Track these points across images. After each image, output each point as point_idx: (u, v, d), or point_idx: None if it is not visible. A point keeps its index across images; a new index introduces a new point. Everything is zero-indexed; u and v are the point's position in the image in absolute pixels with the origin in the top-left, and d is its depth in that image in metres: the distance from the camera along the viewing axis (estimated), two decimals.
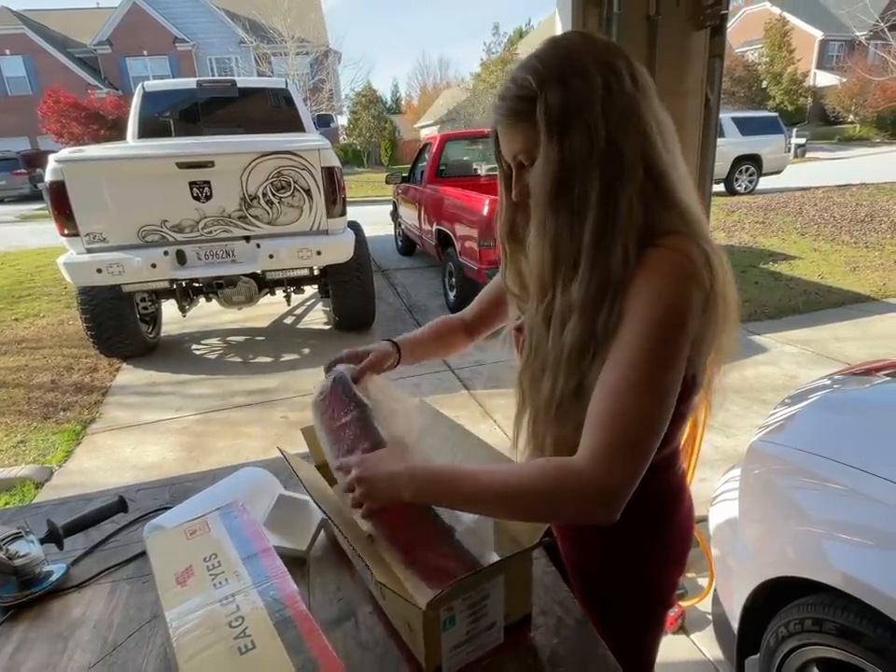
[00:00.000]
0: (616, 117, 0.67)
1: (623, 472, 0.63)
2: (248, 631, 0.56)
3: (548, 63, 0.69)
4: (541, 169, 0.70)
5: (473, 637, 0.69)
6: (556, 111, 0.67)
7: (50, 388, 3.97)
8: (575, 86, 0.67)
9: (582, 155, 0.67)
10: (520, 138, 0.72)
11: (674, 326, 0.65)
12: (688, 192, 0.73)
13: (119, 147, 4.21)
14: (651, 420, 0.65)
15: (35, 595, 0.86)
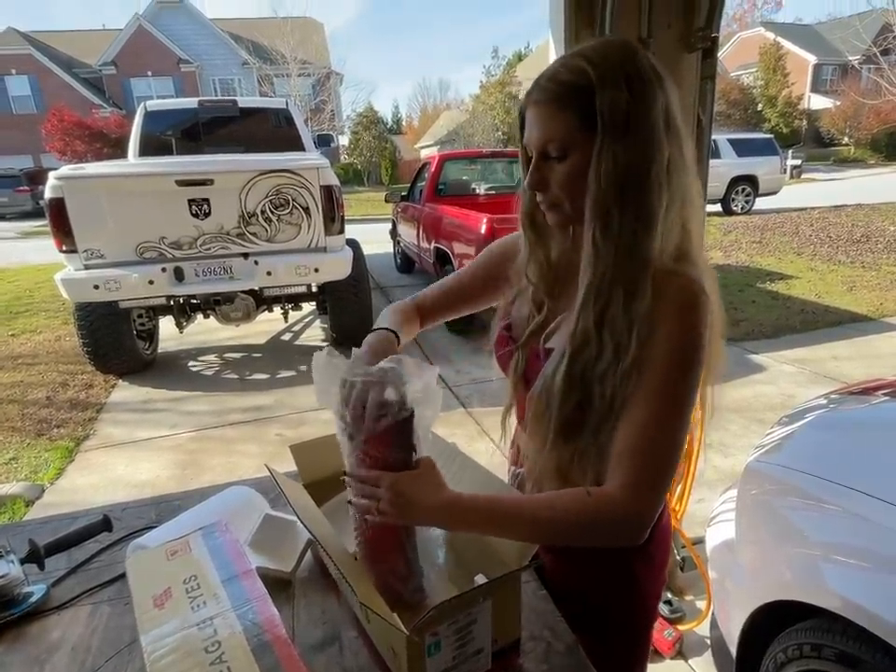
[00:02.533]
0: (671, 139, 0.68)
1: (654, 500, 0.68)
2: (225, 657, 0.55)
3: (612, 61, 0.67)
4: (598, 167, 0.67)
5: (460, 664, 0.67)
6: (620, 113, 0.65)
7: (45, 404, 3.94)
8: (638, 90, 0.66)
9: (651, 164, 0.66)
10: (560, 127, 0.69)
11: (693, 359, 0.68)
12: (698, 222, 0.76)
13: (118, 165, 4.25)
14: (676, 450, 0.68)
15: (13, 618, 0.84)
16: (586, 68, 0.67)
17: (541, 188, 0.75)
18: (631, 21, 1.52)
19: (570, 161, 0.71)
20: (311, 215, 3.72)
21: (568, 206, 0.74)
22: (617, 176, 0.67)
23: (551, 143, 0.71)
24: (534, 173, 0.74)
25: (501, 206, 5.72)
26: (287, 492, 0.83)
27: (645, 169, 0.67)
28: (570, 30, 1.53)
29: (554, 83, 0.69)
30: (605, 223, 0.68)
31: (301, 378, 4.28)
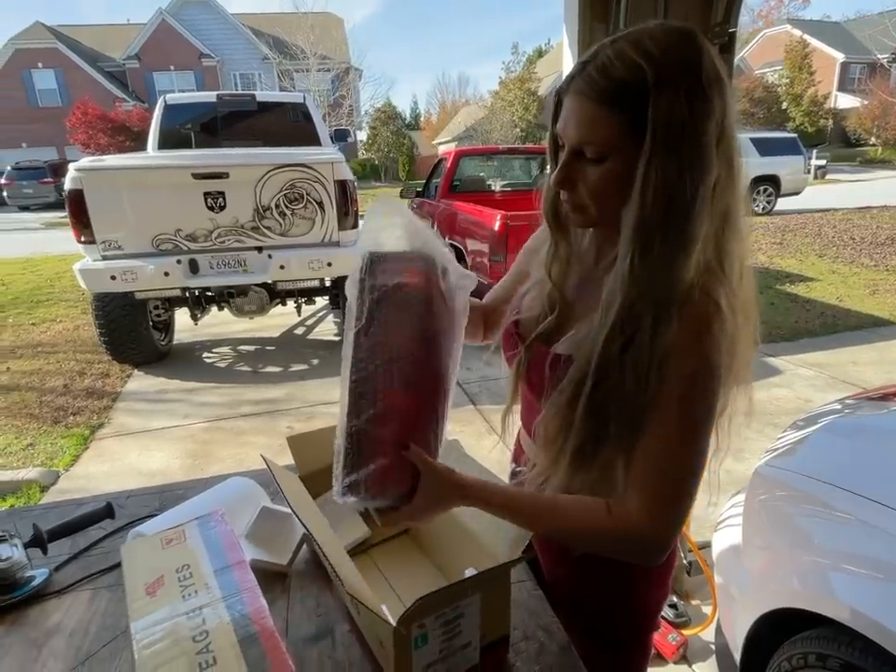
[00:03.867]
0: (722, 156, 0.62)
1: (674, 526, 0.67)
2: (211, 646, 0.55)
3: (669, 56, 0.60)
4: (645, 181, 0.61)
5: (447, 657, 0.66)
6: (674, 124, 0.59)
7: (62, 393, 4.01)
8: (698, 98, 0.60)
9: (697, 185, 0.61)
10: (603, 129, 0.63)
11: (709, 386, 0.65)
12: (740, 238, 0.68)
13: (137, 157, 4.29)
14: (694, 477, 0.67)
15: (14, 601, 0.85)
16: (644, 66, 0.60)
17: (568, 187, 0.69)
18: (646, 15, 1.50)
19: (607, 166, 0.65)
20: (325, 209, 3.73)
21: (595, 212, 0.69)
22: (665, 195, 0.61)
23: (590, 143, 0.64)
24: (563, 170, 0.68)
25: (517, 203, 5.68)
26: (283, 483, 0.83)
27: (693, 190, 0.60)
28: (584, 24, 1.51)
29: (606, 78, 0.61)
30: (645, 246, 0.63)
31: (313, 372, 4.30)
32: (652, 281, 0.63)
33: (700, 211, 0.61)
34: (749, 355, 0.70)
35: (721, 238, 0.66)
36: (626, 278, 0.64)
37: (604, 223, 0.71)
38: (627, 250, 0.64)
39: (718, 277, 0.65)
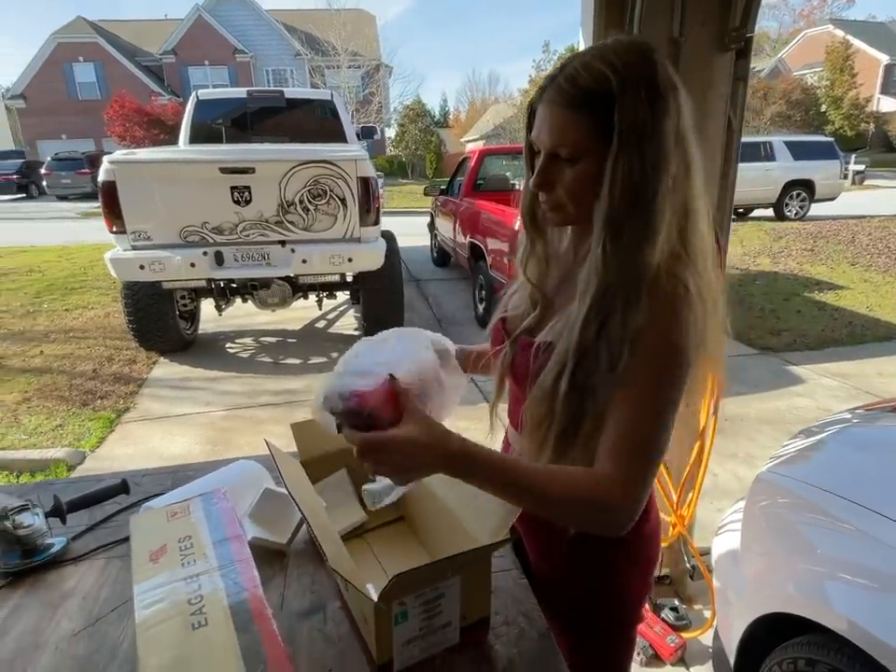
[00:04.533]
0: (680, 152, 0.68)
1: (642, 495, 0.68)
2: (204, 609, 0.60)
3: (631, 70, 0.66)
4: (613, 177, 0.67)
5: (427, 635, 0.70)
6: (637, 125, 0.65)
7: (91, 377, 4.16)
8: (656, 102, 0.66)
9: (659, 177, 0.66)
10: (575, 132, 0.69)
11: (677, 354, 0.68)
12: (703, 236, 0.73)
13: (168, 151, 4.42)
14: (660, 448, 0.69)
15: (34, 565, 0.92)
16: (609, 75, 0.66)
17: (547, 189, 0.75)
18: (663, 19, 1.51)
19: (580, 167, 0.70)
20: (347, 205, 3.80)
21: (572, 210, 0.75)
22: (632, 188, 0.67)
23: (563, 146, 0.70)
24: (541, 173, 0.74)
25: None
26: (283, 467, 0.88)
27: (656, 183, 0.66)
28: (599, 29, 1.53)
29: (575, 86, 0.68)
30: (615, 234, 0.68)
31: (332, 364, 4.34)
32: (623, 266, 0.68)
33: (662, 202, 0.67)
34: (719, 339, 0.74)
35: (685, 228, 0.71)
36: (599, 265, 0.69)
37: (579, 220, 0.76)
38: (599, 239, 0.69)
39: (684, 262, 0.70)
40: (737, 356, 4.66)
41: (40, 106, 23.82)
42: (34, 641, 0.79)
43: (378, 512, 1.02)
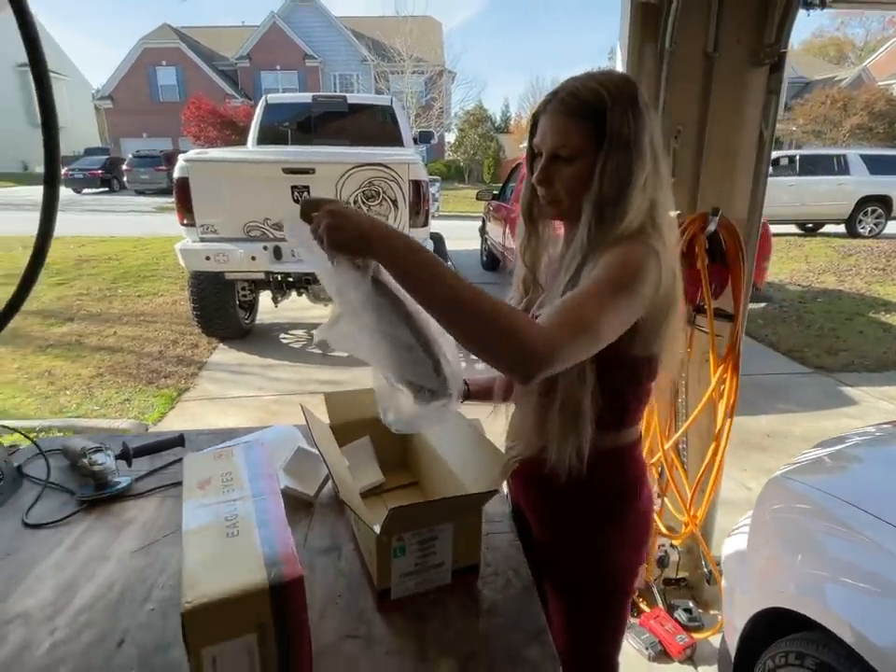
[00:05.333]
0: (652, 156, 0.82)
1: (568, 348, 0.71)
2: (237, 524, 0.73)
3: (619, 89, 0.82)
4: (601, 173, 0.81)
5: (422, 571, 0.81)
6: (624, 133, 0.80)
7: (157, 357, 4.51)
8: (638, 120, 0.81)
9: (636, 174, 0.80)
10: (574, 136, 0.82)
11: (628, 271, 0.77)
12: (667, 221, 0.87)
13: (237, 151, 4.74)
14: (601, 320, 0.74)
15: (104, 496, 1.09)
16: (603, 93, 0.81)
17: (547, 185, 0.88)
18: (696, 35, 1.57)
19: (577, 166, 0.84)
20: (398, 207, 3.97)
21: (567, 204, 0.88)
22: (616, 182, 0.81)
23: (563, 147, 0.84)
24: (543, 170, 0.87)
25: None
26: (314, 429, 1.01)
27: (635, 178, 0.81)
28: (634, 44, 1.60)
29: (576, 99, 0.82)
30: (600, 217, 0.82)
31: None
32: (601, 240, 0.82)
33: (635, 193, 0.81)
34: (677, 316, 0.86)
35: (653, 214, 0.84)
36: (585, 241, 0.83)
37: (571, 215, 0.88)
38: (587, 222, 0.83)
39: (648, 233, 0.82)
40: (789, 373, 4.54)
41: (125, 107, 25.52)
42: (101, 554, 0.95)
43: (394, 477, 1.15)
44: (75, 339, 4.92)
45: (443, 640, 0.78)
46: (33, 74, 0.52)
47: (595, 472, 0.91)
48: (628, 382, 0.89)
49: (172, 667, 0.73)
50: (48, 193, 0.54)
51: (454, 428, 1.06)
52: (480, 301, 0.68)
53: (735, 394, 1.63)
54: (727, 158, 1.67)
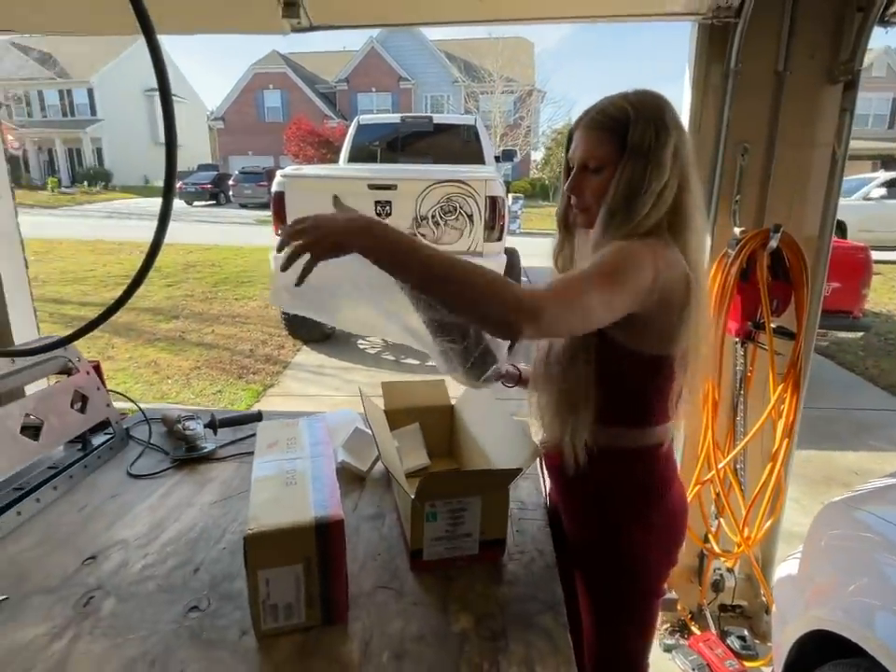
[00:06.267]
0: (675, 168, 0.88)
1: (552, 309, 0.77)
2: (296, 477, 0.86)
3: (646, 106, 0.89)
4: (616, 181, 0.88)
5: (451, 538, 0.90)
6: (643, 145, 0.86)
7: (247, 355, 4.90)
8: (660, 133, 0.87)
9: (651, 183, 0.86)
10: (601, 147, 0.90)
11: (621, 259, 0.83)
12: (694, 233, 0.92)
13: (328, 168, 5.10)
14: (588, 298, 0.80)
15: (193, 457, 1.27)
16: (628, 109, 0.89)
17: (577, 192, 0.96)
18: (766, 54, 1.58)
19: (603, 175, 0.91)
20: (473, 222, 4.11)
21: (595, 211, 0.94)
22: (628, 188, 0.88)
23: (592, 159, 0.92)
24: (574, 179, 0.95)
25: None
26: (369, 413, 1.14)
27: (647, 186, 0.87)
28: (701, 63, 1.64)
29: (603, 116, 0.91)
30: (612, 219, 0.89)
31: None
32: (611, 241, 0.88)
33: (647, 201, 0.87)
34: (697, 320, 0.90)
35: (675, 223, 0.89)
36: (595, 242, 0.90)
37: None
38: (599, 222, 0.90)
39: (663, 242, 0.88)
40: (887, 410, 4.20)
41: (235, 127, 27.77)
42: (187, 502, 1.12)
43: (438, 463, 1.25)
44: (178, 334, 5.44)
45: (464, 600, 0.86)
46: (161, 98, 0.57)
47: (621, 470, 0.97)
48: (644, 380, 0.93)
49: (235, 594, 0.87)
50: (163, 205, 0.60)
51: (499, 425, 1.15)
52: (461, 263, 0.75)
53: (795, 414, 1.59)
54: (796, 176, 1.65)
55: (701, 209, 0.93)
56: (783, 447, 1.57)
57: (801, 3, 1.54)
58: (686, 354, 0.91)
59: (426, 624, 0.81)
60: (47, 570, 0.92)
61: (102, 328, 0.91)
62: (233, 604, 0.85)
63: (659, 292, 0.84)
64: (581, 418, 0.91)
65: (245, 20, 1.79)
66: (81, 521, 1.06)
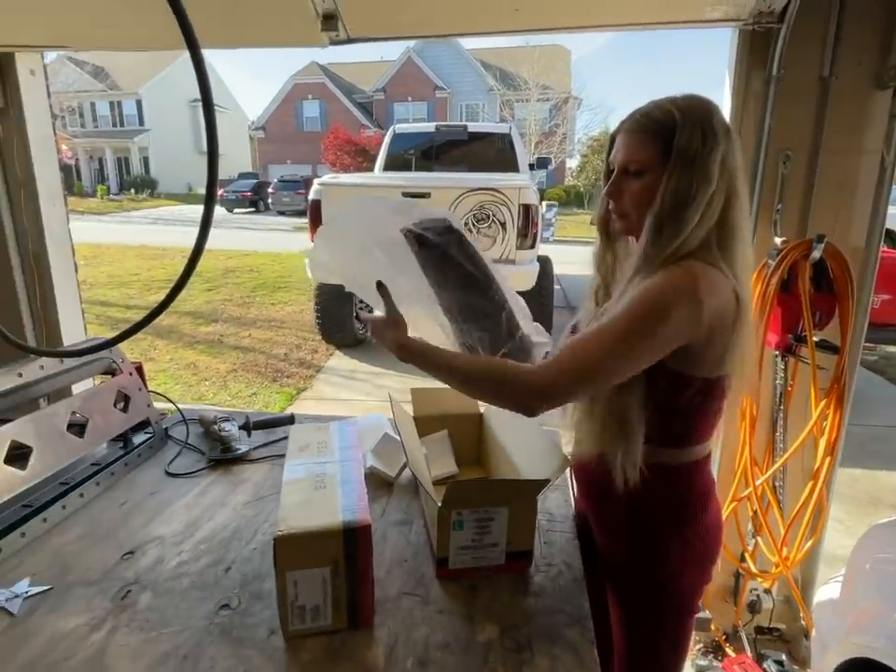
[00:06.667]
0: (723, 176, 0.85)
1: (564, 386, 0.80)
2: (325, 480, 0.88)
3: (693, 110, 0.85)
4: (663, 188, 0.85)
5: (478, 548, 0.90)
6: (690, 151, 0.83)
7: (282, 359, 5.00)
8: (708, 139, 0.83)
9: (698, 192, 0.83)
10: (644, 151, 0.87)
11: (649, 311, 0.81)
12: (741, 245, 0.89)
13: (363, 177, 5.18)
14: (604, 363, 0.80)
15: (227, 458, 1.31)
16: (674, 112, 0.85)
17: (616, 196, 0.93)
18: (810, 59, 1.54)
19: (644, 180, 0.88)
20: (506, 229, 4.11)
21: (634, 217, 0.92)
22: (676, 198, 0.84)
23: (633, 162, 0.89)
24: (613, 183, 0.93)
25: None
26: (398, 418, 1.15)
27: (694, 195, 0.83)
28: (741, 71, 1.60)
29: (648, 118, 0.88)
30: (658, 231, 0.86)
31: None
32: (657, 257, 0.85)
33: (695, 211, 0.83)
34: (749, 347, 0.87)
35: (725, 237, 0.86)
36: (641, 255, 0.87)
37: (639, 230, 0.91)
38: (645, 234, 0.87)
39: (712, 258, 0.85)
40: None
41: (274, 136, 28.47)
42: (221, 502, 1.15)
43: (467, 472, 1.25)
44: (217, 338, 5.59)
45: (490, 609, 0.86)
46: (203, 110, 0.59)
47: (659, 485, 0.94)
48: (693, 402, 0.90)
49: (264, 594, 0.89)
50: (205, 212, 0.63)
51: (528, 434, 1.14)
52: (476, 365, 0.89)
53: (838, 431, 1.53)
54: (842, 184, 1.60)
55: (748, 221, 0.90)
56: (825, 465, 1.51)
57: (847, 6, 1.49)
58: (734, 373, 0.89)
59: (451, 633, 0.81)
60: (88, 563, 0.96)
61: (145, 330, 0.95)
62: (262, 603, 0.86)
63: (709, 321, 0.81)
64: (632, 441, 0.88)
65: (284, 34, 1.84)
66: (121, 516, 1.10)
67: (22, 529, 1.01)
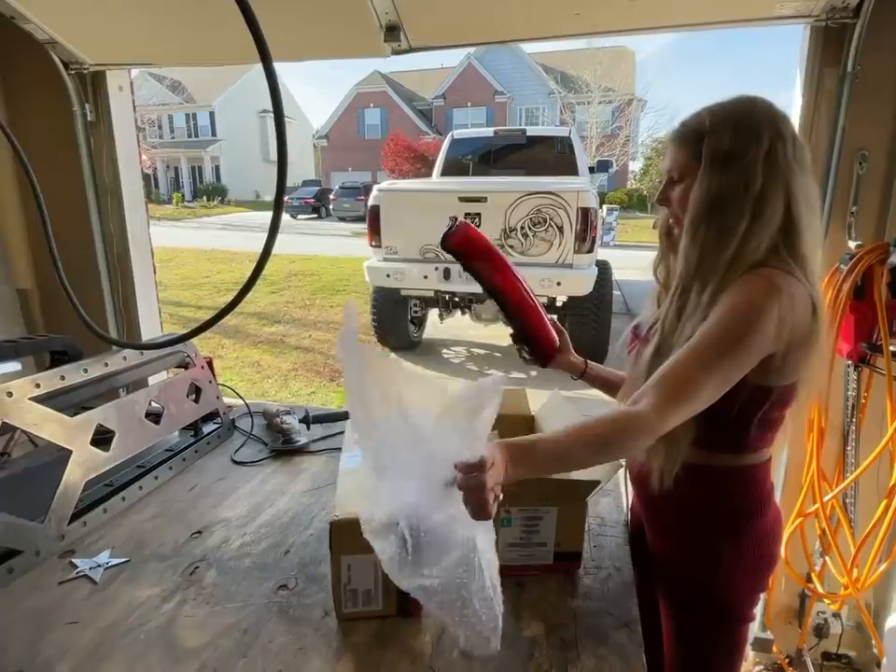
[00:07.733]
0: (772, 174, 0.83)
1: (675, 414, 0.77)
2: None
3: (727, 112, 0.86)
4: (695, 191, 0.86)
5: (526, 546, 0.91)
6: (719, 152, 0.84)
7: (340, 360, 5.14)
8: (743, 138, 0.83)
9: (737, 193, 0.83)
10: (679, 158, 0.90)
11: (742, 323, 0.79)
12: (811, 248, 0.86)
13: (420, 182, 5.26)
14: (705, 382, 0.78)
15: (288, 449, 1.37)
16: (706, 120, 0.87)
17: (664, 203, 0.95)
18: (888, 54, 1.45)
19: (684, 185, 0.90)
20: (563, 233, 4.07)
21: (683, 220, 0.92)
22: (707, 200, 0.84)
23: (673, 170, 0.92)
24: (660, 191, 0.96)
25: None
26: None
27: (729, 193, 0.83)
28: (812, 68, 1.54)
29: (683, 127, 0.91)
30: (695, 233, 0.86)
31: (529, 382, 4.66)
32: (699, 261, 0.86)
33: (737, 213, 0.83)
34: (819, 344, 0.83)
35: (789, 242, 0.84)
36: (682, 258, 0.88)
37: None
38: (684, 241, 0.88)
39: (782, 261, 0.82)
40: None
41: (337, 144, 29.36)
42: (281, 490, 1.22)
43: None
44: (279, 338, 5.83)
45: (537, 608, 0.87)
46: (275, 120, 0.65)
47: (709, 488, 0.93)
48: (755, 409, 0.88)
49: (320, 576, 0.93)
50: (273, 217, 0.66)
51: None
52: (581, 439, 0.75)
53: None
54: None
55: (817, 223, 0.88)
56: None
57: None
58: (803, 380, 0.86)
59: None
60: (161, 540, 1.04)
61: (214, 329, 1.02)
62: (318, 586, 0.91)
63: (788, 333, 0.80)
64: (675, 446, 0.87)
65: (349, 45, 1.92)
66: (191, 499, 1.18)
67: (105, 506, 1.11)
